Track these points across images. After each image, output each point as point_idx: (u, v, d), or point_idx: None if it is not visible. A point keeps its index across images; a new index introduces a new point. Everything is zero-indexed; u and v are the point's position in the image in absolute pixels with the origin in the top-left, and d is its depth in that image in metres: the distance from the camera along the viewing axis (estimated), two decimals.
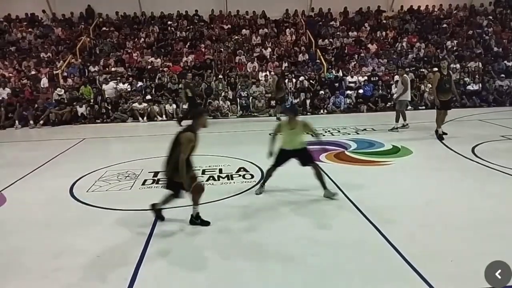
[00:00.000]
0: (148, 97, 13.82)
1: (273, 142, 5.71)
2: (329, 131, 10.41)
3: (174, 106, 13.58)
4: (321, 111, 13.70)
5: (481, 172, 6.58)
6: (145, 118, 13.14)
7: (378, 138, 9.18)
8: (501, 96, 14.02)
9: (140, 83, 14.57)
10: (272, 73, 14.72)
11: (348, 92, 14.40)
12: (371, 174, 6.76)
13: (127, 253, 4.18)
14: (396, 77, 14.71)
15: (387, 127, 10.33)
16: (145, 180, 6.64)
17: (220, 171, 7.01)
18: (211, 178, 6.64)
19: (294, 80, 14.75)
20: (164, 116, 13.43)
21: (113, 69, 15.48)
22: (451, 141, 8.55)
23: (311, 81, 14.69)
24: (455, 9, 19.46)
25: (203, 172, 6.95)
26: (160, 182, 6.50)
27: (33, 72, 15.03)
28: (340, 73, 15.15)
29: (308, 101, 13.94)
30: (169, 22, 18.61)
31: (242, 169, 7.07)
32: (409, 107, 13.58)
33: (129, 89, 14.21)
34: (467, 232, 4.48)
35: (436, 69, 13.91)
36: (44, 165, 7.84)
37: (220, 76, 14.93)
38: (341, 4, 19.09)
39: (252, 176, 6.69)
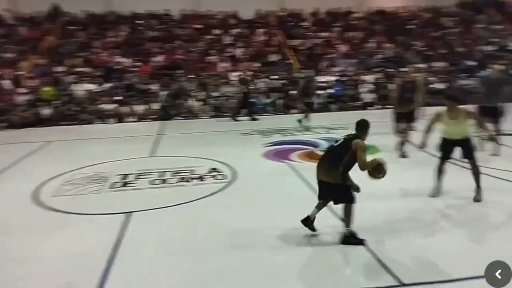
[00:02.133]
0: (118, 97, 13.52)
1: (428, 133, 5.35)
2: (300, 130, 10.50)
3: (145, 106, 13.35)
4: (293, 110, 13.80)
5: (448, 169, 6.71)
6: (114, 119, 12.84)
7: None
8: (465, 94, 14.52)
9: (108, 84, 14.25)
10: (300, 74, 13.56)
11: (319, 92, 14.57)
12: None
13: (95, 259, 4.06)
14: (365, 78, 15.04)
15: None
16: (114, 183, 6.48)
17: (192, 172, 6.94)
18: (183, 180, 6.55)
19: (266, 80, 14.81)
20: (134, 117, 13.16)
21: (80, 69, 15.06)
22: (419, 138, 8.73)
23: (283, 81, 14.79)
24: (421, 11, 20.05)
25: (175, 173, 6.86)
26: (128, 185, 6.38)
27: None
28: (311, 73, 15.27)
29: (280, 101, 14.03)
30: (138, 21, 18.29)
31: (214, 170, 7.02)
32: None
33: (97, 90, 13.88)
34: (435, 227, 4.61)
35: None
36: (7, 170, 7.53)
37: (192, 76, 14.80)
38: (311, 5, 19.33)
39: (224, 177, 6.66)
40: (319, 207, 4.43)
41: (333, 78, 15.09)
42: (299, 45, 17.31)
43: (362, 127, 4.31)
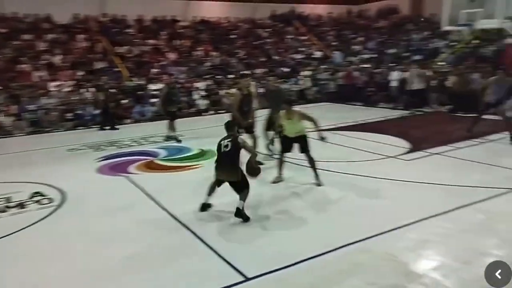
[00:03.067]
0: None
1: (276, 134, 6.55)
2: (136, 141, 10.10)
3: None
4: (126, 120, 13.19)
5: (293, 170, 6.86)
6: None
7: (185, 144, 9.43)
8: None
9: None
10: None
11: (153, 100, 14.31)
12: (181, 178, 6.88)
13: None
14: (197, 84, 15.47)
15: (193, 132, 10.70)
16: None
17: (8, 200, 5.91)
18: None
19: (93, 89, 13.74)
20: None
21: None
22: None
23: (112, 90, 13.95)
24: (240, 22, 21.69)
25: None
26: None
27: None
28: (142, 81, 14.93)
29: (110, 111, 13.19)
30: None
31: (37, 194, 6.13)
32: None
33: None
34: (270, 213, 5.03)
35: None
36: None
37: None
38: (135, 11, 18.78)
39: (51, 200, 5.89)
40: (211, 193, 5.15)
41: None
42: (127, 52, 16.64)
43: (232, 126, 5.12)
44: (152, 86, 14.86)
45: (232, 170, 4.88)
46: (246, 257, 4.04)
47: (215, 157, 5.08)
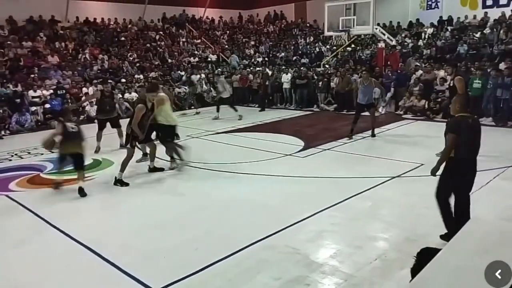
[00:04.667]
0: None
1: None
2: (16, 154, 9.02)
3: None
4: (2, 132, 11.67)
5: (196, 173, 6.97)
6: None
7: None
8: (180, 101, 16.14)
9: None
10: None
11: (34, 108, 12.92)
12: (74, 193, 6.33)
13: None
14: (86, 90, 14.42)
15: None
16: None
17: None
18: None
19: None
20: None
21: None
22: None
23: None
24: (129, 24, 20.75)
25: None
26: None
27: None
28: (20, 88, 13.38)
29: None
30: None
31: None
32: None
33: None
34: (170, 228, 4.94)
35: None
36: None
37: None
38: (5, 11, 16.67)
39: None
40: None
41: (48, 92, 13.70)
42: None
43: (66, 113, 6.48)
44: (32, 93, 13.43)
45: (80, 144, 6.13)
46: (151, 269, 3.90)
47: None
